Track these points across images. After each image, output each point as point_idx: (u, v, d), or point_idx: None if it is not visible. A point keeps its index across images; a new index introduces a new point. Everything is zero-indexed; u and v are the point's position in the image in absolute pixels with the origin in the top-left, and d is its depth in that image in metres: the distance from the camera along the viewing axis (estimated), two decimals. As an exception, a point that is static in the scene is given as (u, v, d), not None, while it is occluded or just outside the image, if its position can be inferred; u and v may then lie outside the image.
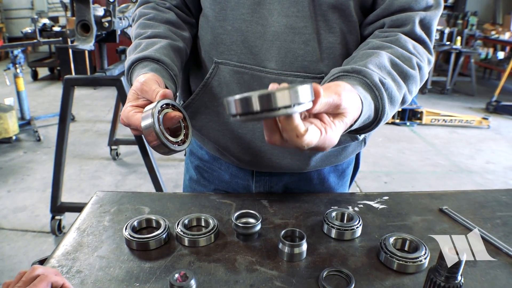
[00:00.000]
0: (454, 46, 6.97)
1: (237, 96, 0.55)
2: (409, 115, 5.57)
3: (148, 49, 0.88)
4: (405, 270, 0.74)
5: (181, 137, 0.78)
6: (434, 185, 3.84)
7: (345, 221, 0.89)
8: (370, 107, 0.73)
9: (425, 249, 0.77)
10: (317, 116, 0.65)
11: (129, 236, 0.78)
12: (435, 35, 6.76)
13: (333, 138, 0.65)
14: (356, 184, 3.75)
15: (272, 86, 0.58)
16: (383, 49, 0.83)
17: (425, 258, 0.76)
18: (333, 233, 0.85)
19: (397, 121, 5.55)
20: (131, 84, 0.85)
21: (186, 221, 0.84)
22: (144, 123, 0.70)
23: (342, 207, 0.97)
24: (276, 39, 0.88)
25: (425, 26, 0.88)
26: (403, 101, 0.83)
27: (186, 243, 0.80)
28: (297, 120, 0.57)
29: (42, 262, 0.77)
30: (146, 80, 0.77)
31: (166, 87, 0.82)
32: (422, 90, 7.08)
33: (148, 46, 0.89)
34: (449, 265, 0.56)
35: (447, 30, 7.06)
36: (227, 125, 0.99)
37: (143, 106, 0.76)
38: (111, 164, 4.14)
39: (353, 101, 0.67)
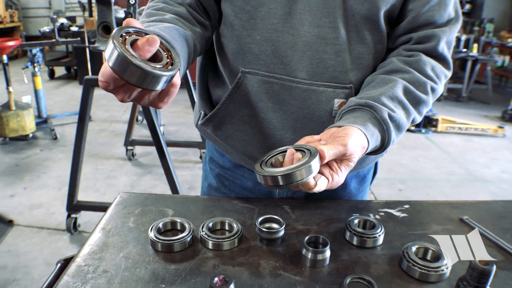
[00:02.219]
0: (471, 53, 6.91)
1: (265, 173, 0.74)
2: (424, 123, 5.53)
3: (149, 28, 0.76)
4: (427, 279, 0.74)
5: (164, 63, 0.63)
6: (449, 194, 3.80)
7: (367, 229, 0.89)
8: (377, 140, 0.84)
9: (447, 258, 0.77)
10: (326, 163, 0.77)
11: (154, 238, 0.79)
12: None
13: (339, 182, 0.79)
14: (371, 191, 3.74)
15: (290, 153, 0.75)
16: (401, 73, 0.90)
17: (447, 268, 0.75)
18: (355, 240, 0.85)
19: (412, 128, 5.51)
20: None
21: (210, 225, 0.85)
22: (109, 58, 0.57)
23: (363, 214, 0.97)
24: (307, 49, 0.89)
25: (448, 43, 0.96)
26: (412, 122, 0.93)
27: (210, 246, 0.80)
28: (310, 182, 0.74)
29: (68, 260, 0.78)
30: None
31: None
32: (437, 98, 7.02)
33: (149, 27, 0.77)
34: (479, 276, 0.56)
35: (463, 37, 7.00)
36: (254, 135, 1.00)
37: None
38: (127, 164, 4.18)
39: (358, 145, 0.78)
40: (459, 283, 0.60)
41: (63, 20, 5.06)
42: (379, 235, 0.86)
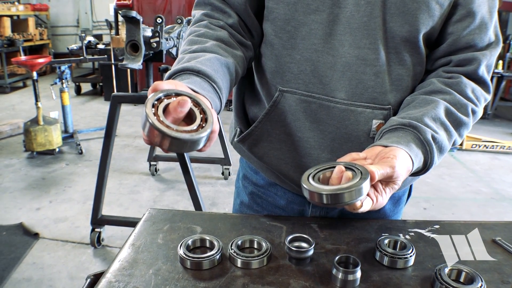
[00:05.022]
0: (496, 70, 6.79)
1: (312, 188, 0.73)
2: (449, 140, 5.43)
3: (191, 61, 0.82)
4: None
5: (198, 122, 0.65)
6: (475, 213, 3.71)
7: (397, 249, 0.88)
8: (420, 162, 0.83)
9: (481, 281, 0.75)
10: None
11: (184, 255, 0.79)
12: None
13: (382, 203, 0.79)
14: (394, 209, 3.67)
15: (339, 171, 0.74)
16: (442, 94, 0.90)
17: None
18: (386, 261, 0.84)
19: (436, 145, 5.42)
20: None
21: (239, 243, 0.84)
22: (142, 124, 0.61)
23: (393, 234, 0.96)
24: (347, 69, 0.89)
25: (488, 67, 0.95)
26: (452, 144, 0.92)
27: (239, 265, 0.80)
28: (357, 203, 0.73)
29: (98, 276, 0.79)
30: (176, 83, 0.70)
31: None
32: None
33: (191, 59, 0.82)
34: None
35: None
36: (290, 153, 1.00)
37: None
38: (150, 180, 4.22)
39: (404, 168, 0.78)
40: None
41: (90, 38, 5.21)
42: (410, 256, 0.84)
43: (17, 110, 7.01)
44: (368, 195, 0.76)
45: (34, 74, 4.55)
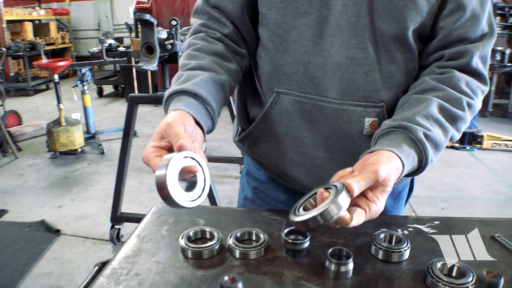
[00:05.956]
0: (518, 68, 6.65)
1: (296, 219, 0.76)
2: (469, 139, 5.34)
3: (188, 81, 0.88)
4: None
5: (196, 191, 0.77)
6: (494, 213, 3.65)
7: (393, 243, 0.90)
8: (413, 161, 0.83)
9: (473, 275, 0.76)
10: (361, 193, 0.75)
11: (184, 245, 0.84)
12: (496, 56, 6.47)
13: (378, 210, 0.78)
14: (412, 209, 3.66)
15: (320, 194, 0.75)
16: (435, 91, 0.90)
17: (471, 285, 0.75)
18: (381, 255, 0.86)
19: (457, 145, 5.34)
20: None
21: (238, 234, 0.88)
22: (158, 173, 0.71)
23: (392, 229, 0.97)
24: (337, 70, 0.92)
25: (483, 58, 0.94)
26: (450, 140, 0.92)
27: (237, 255, 0.84)
28: (345, 216, 0.73)
29: (104, 264, 0.84)
30: (171, 122, 0.76)
31: (199, 124, 0.83)
32: (482, 113, 6.77)
33: (188, 79, 0.89)
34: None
35: (508, 51, 6.73)
36: (288, 152, 1.03)
37: (165, 148, 0.77)
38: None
39: (391, 169, 0.77)
40: None
41: (111, 41, 5.30)
42: (404, 250, 0.86)
43: (40, 112, 7.23)
44: (359, 206, 0.77)
45: (56, 76, 4.69)
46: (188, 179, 0.77)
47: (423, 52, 0.98)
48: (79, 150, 4.99)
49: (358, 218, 0.75)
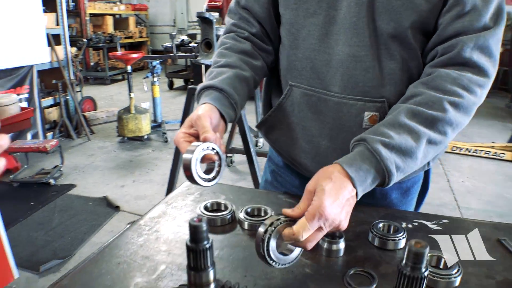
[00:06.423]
0: None
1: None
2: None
3: (216, 78, 1.02)
4: (434, 285, 0.77)
5: (213, 174, 0.89)
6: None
7: (391, 232, 0.94)
8: (367, 173, 0.83)
9: (458, 267, 0.79)
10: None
11: (200, 212, 0.97)
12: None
13: (318, 205, 0.78)
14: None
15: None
16: (413, 98, 0.92)
17: (455, 277, 0.78)
18: (376, 242, 0.91)
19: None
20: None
21: (249, 210, 1.00)
22: (185, 156, 0.83)
23: (397, 222, 0.99)
24: (340, 66, 1.00)
25: (483, 49, 0.90)
26: (434, 144, 0.90)
27: (246, 227, 0.96)
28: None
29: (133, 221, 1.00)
30: (200, 115, 0.90)
31: (223, 116, 0.96)
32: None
33: (217, 75, 1.03)
34: (414, 257, 0.61)
35: None
36: (297, 140, 1.13)
37: (193, 135, 0.90)
38: (224, 170, 4.45)
39: (331, 192, 0.80)
40: (399, 264, 0.65)
41: (183, 37, 5.61)
42: (399, 239, 0.90)
43: (114, 100, 7.79)
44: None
45: (129, 67, 5.05)
46: (208, 164, 0.90)
47: (424, 50, 0.99)
48: (145, 137, 5.33)
49: (299, 224, 0.76)
